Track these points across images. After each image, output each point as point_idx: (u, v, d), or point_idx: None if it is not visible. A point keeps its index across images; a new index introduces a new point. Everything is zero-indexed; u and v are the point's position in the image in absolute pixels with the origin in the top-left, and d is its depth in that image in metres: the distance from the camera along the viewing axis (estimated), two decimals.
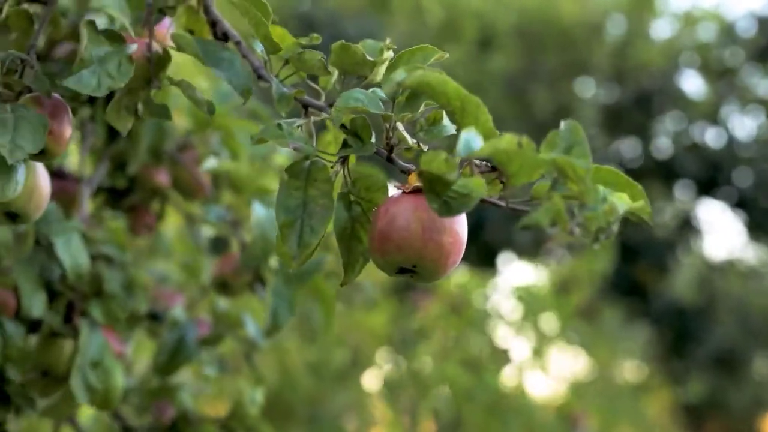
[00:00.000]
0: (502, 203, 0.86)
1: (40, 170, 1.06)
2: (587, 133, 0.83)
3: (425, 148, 0.94)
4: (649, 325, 7.16)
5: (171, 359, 1.47)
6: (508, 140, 0.79)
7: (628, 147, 7.95)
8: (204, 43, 1.04)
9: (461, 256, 0.90)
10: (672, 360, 7.39)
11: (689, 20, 7.67)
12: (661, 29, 7.91)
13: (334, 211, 0.92)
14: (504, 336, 4.35)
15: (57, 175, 1.52)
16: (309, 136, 1.00)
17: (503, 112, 6.47)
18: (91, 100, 1.38)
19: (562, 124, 0.83)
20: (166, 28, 1.16)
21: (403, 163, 0.94)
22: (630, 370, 6.58)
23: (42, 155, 0.98)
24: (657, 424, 6.39)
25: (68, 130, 1.00)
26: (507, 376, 4.17)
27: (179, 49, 1.07)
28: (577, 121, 0.84)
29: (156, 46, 1.06)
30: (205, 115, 1.57)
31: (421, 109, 0.95)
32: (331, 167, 0.95)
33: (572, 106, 7.05)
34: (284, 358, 3.44)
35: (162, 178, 1.54)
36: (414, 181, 0.91)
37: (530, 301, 4.28)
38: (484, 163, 0.91)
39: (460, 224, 0.89)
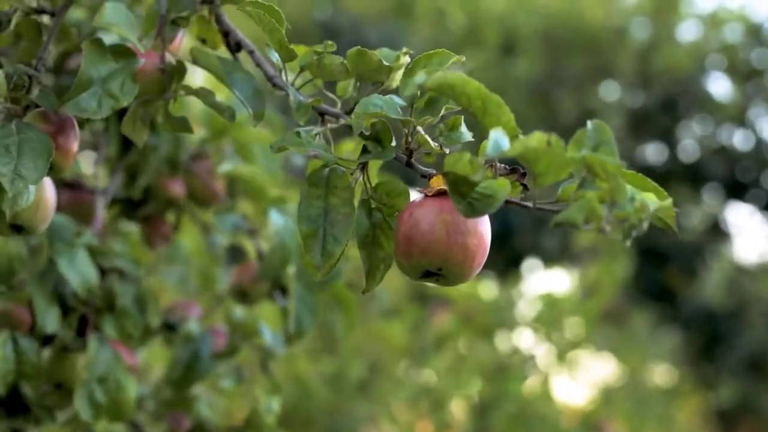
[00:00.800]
0: (530, 204, 0.84)
1: (47, 182, 1.06)
2: (616, 137, 0.82)
3: (447, 150, 0.92)
4: (679, 330, 7.09)
5: (185, 375, 1.45)
6: (537, 138, 0.78)
7: (655, 151, 7.88)
8: (223, 61, 1.03)
9: (485, 258, 0.90)
10: (703, 364, 7.31)
11: (715, 22, 7.60)
12: (687, 32, 7.84)
13: (355, 218, 0.91)
14: (528, 342, 4.31)
15: (72, 186, 1.50)
16: (327, 143, 0.98)
17: (527, 117, 6.41)
18: None
19: (589, 124, 0.82)
20: (179, 39, 1.15)
21: (423, 168, 0.93)
22: (660, 374, 6.52)
23: (50, 171, 0.97)
24: (688, 429, 6.31)
25: (75, 145, 1.00)
26: (532, 384, 4.13)
27: (197, 63, 1.05)
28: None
29: (170, 58, 1.04)
30: (219, 124, 1.56)
31: (441, 113, 0.93)
32: (351, 174, 0.93)
33: (597, 111, 6.99)
34: (301, 369, 3.41)
35: (176, 188, 1.52)
36: (436, 185, 0.90)
37: (554, 307, 4.24)
38: (503, 165, 0.89)
39: (484, 226, 0.88)
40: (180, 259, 1.85)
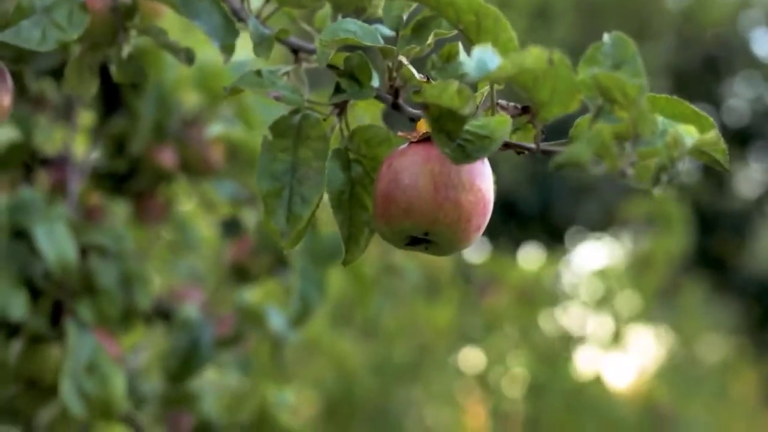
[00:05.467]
0: (533, 146, 0.67)
1: None
2: None
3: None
4: (734, 300, 6.86)
5: (183, 366, 1.30)
6: (535, 56, 0.60)
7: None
8: None
9: (486, 220, 0.71)
10: (759, 335, 7.08)
11: None
12: None
13: (327, 173, 0.74)
14: (578, 321, 4.13)
15: (56, 163, 1.37)
16: (300, 85, 0.82)
17: None
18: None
19: (606, 37, 0.64)
20: None
21: (412, 110, 0.76)
22: (716, 347, 6.31)
23: None
24: (745, 402, 6.10)
25: (7, 98, 0.84)
26: (583, 365, 3.96)
27: None
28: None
29: None
30: (215, 86, 1.41)
31: (430, 40, 0.77)
32: (324, 120, 0.77)
33: None
34: (345, 357, 3.26)
35: (166, 158, 1.36)
36: (423, 128, 0.73)
37: (606, 282, 4.05)
38: (512, 104, 0.73)
39: (484, 179, 0.70)
40: (192, 247, 1.69)
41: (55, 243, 1.11)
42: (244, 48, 0.97)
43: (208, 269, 1.73)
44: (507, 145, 0.69)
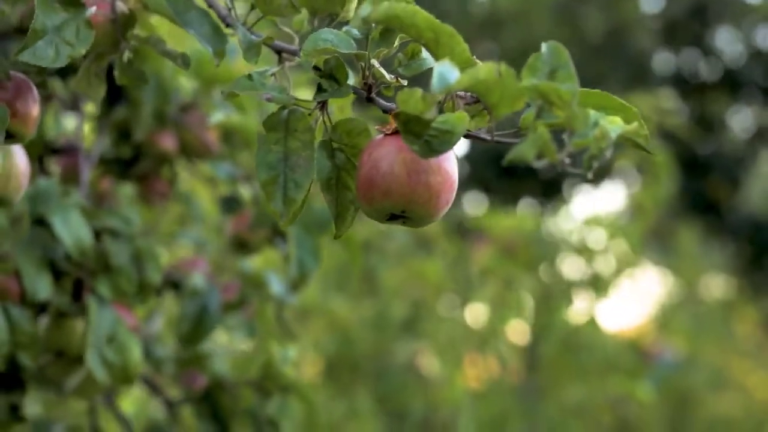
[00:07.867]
0: (488, 137, 0.79)
1: (17, 151, 1.04)
2: (646, 50, 0.76)
3: (404, 83, 0.87)
4: (728, 241, 6.98)
5: (194, 330, 1.43)
6: (486, 69, 0.73)
7: (689, 60, 7.68)
8: (173, 2, 0.98)
9: (454, 195, 0.85)
10: (755, 274, 7.20)
11: None
12: None
13: (315, 161, 0.87)
14: (573, 269, 4.24)
15: (66, 151, 1.48)
16: (286, 83, 0.94)
17: (553, 38, 6.19)
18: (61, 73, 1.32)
19: (544, 46, 0.76)
20: None
21: (384, 103, 0.88)
22: (713, 288, 6.43)
23: (11, 138, 0.96)
24: (747, 341, 6.24)
25: (35, 109, 0.97)
26: (579, 311, 4.07)
27: (147, 8, 1.01)
28: (634, 41, 0.77)
29: (121, 6, 1.00)
30: (208, 73, 1.52)
31: (396, 43, 0.88)
32: (309, 114, 0.88)
33: (627, 25, 6.79)
34: (342, 316, 3.39)
35: (168, 142, 1.48)
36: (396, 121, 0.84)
37: (598, 231, 4.15)
38: (468, 94, 0.84)
39: (449, 161, 0.84)
40: (196, 218, 1.82)
41: (71, 229, 1.22)
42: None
43: (211, 239, 1.84)
44: (467, 136, 0.81)
